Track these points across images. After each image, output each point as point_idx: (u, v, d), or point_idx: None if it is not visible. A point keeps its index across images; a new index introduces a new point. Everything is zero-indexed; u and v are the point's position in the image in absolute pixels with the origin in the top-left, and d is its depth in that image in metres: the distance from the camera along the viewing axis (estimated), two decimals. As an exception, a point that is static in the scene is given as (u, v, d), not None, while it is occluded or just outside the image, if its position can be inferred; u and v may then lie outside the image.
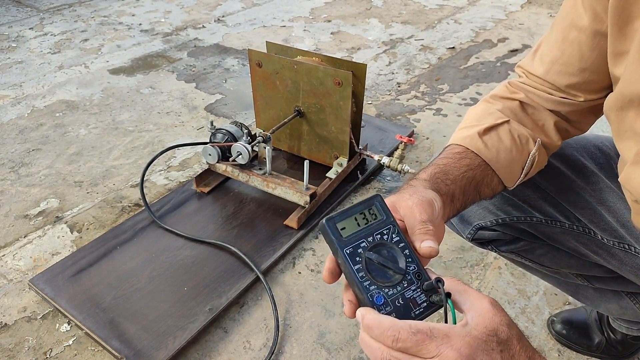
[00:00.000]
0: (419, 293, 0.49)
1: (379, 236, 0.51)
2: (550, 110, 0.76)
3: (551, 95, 0.74)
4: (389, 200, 0.56)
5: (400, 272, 0.49)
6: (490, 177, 0.72)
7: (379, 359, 0.44)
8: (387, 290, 0.48)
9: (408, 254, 0.51)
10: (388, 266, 0.49)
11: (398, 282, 0.49)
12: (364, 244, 0.50)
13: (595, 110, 0.75)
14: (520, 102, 0.76)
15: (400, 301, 0.48)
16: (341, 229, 0.50)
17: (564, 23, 0.71)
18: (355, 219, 0.51)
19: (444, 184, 0.64)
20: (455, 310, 0.47)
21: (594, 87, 0.71)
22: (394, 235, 0.51)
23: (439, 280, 0.48)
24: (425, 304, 0.49)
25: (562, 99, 0.74)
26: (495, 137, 0.72)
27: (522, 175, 0.74)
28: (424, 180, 0.64)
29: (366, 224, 0.51)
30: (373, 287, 0.48)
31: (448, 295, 0.47)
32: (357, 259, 0.49)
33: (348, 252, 0.49)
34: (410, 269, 0.50)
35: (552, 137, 0.76)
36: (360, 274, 0.48)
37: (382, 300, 0.48)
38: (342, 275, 0.51)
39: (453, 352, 0.41)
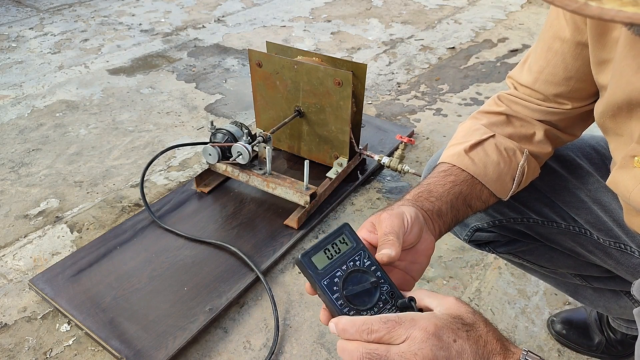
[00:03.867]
0: (394, 310, 0.53)
1: (352, 263, 0.54)
2: (539, 120, 0.77)
3: (539, 105, 0.76)
4: (369, 220, 0.60)
5: (374, 294, 0.53)
6: (479, 191, 0.73)
7: (357, 358, 0.47)
8: (364, 313, 0.52)
9: (380, 275, 0.54)
10: (363, 291, 0.53)
11: (374, 304, 0.52)
12: (339, 273, 0.53)
13: (584, 117, 0.77)
14: (506, 115, 0.78)
15: None
16: (316, 262, 0.53)
17: (548, 33, 0.72)
18: (328, 250, 0.54)
19: (428, 202, 0.67)
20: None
21: (580, 94, 0.73)
22: (365, 260, 0.54)
23: (411, 299, 0.52)
24: None
25: (550, 109, 0.75)
26: (482, 152, 0.74)
27: (514, 187, 0.75)
28: (407, 200, 0.66)
29: (338, 253, 0.54)
30: (352, 312, 0.52)
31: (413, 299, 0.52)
32: (335, 288, 0.52)
33: (325, 283, 0.52)
34: (384, 289, 0.53)
35: (543, 146, 0.77)
36: (340, 302, 0.52)
37: None
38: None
39: (420, 332, 0.45)
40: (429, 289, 1.31)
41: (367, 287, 0.53)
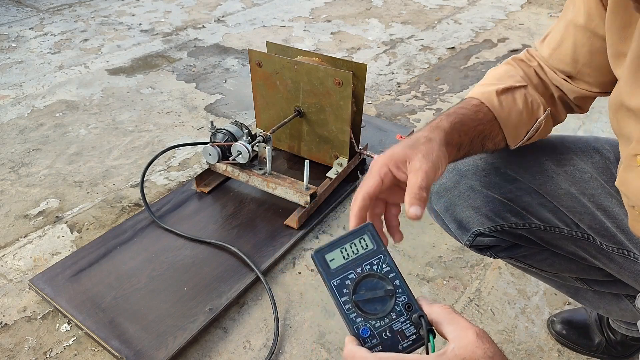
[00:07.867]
0: (408, 325, 0.48)
1: (368, 266, 0.50)
2: (556, 85, 0.80)
3: (555, 74, 0.79)
4: (402, 152, 0.60)
5: (387, 303, 0.49)
6: (496, 132, 0.76)
7: None
8: (374, 322, 0.48)
9: (398, 284, 0.50)
10: (376, 298, 0.49)
11: (386, 314, 0.48)
12: (352, 275, 0.50)
13: (593, 96, 0.79)
14: (536, 71, 0.81)
15: (388, 334, 0.48)
16: (330, 260, 0.50)
17: (566, 15, 0.75)
18: (345, 250, 0.51)
19: (458, 135, 0.69)
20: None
21: (588, 79, 0.76)
22: (384, 266, 0.51)
23: (421, 315, 0.47)
24: (414, 336, 0.48)
25: (563, 81, 0.78)
26: (511, 98, 0.76)
27: (524, 139, 0.78)
28: (444, 132, 0.66)
29: (355, 254, 0.51)
30: (360, 319, 0.48)
31: (431, 330, 0.47)
32: (344, 290, 0.49)
33: (335, 284, 0.49)
34: (400, 299, 0.49)
35: (559, 110, 0.81)
36: (347, 306, 0.49)
37: (368, 333, 0.48)
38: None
39: None
40: (429, 289, 1.31)
41: (379, 294, 0.49)
